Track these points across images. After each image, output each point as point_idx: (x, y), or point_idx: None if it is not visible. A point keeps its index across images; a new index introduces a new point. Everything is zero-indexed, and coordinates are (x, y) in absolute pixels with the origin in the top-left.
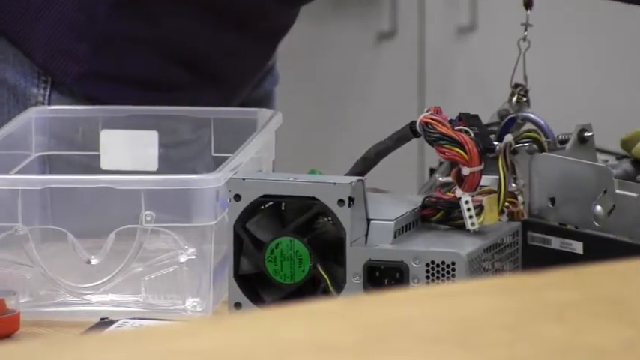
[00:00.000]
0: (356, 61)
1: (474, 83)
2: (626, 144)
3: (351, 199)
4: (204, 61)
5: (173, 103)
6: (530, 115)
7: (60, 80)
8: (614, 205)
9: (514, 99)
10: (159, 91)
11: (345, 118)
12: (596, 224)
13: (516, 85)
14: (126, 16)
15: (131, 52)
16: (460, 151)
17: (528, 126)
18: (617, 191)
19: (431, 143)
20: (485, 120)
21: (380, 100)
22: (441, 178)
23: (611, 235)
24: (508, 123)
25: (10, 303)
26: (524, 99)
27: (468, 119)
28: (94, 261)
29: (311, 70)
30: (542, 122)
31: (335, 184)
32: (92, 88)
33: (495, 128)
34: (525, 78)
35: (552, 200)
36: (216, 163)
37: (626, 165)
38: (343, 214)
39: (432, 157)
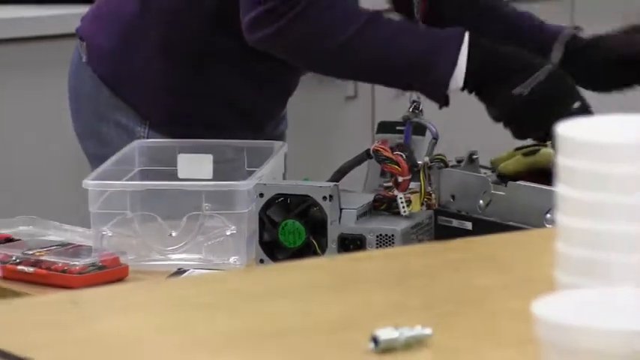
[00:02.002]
0: (330, 114)
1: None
2: (494, 163)
3: (330, 196)
4: (245, 111)
5: (222, 138)
6: (419, 120)
7: (154, 124)
8: (490, 200)
9: (410, 110)
10: (215, 130)
11: (325, 149)
12: (480, 211)
13: (413, 101)
14: (194, 81)
15: (199, 106)
16: (397, 167)
17: (437, 149)
18: (492, 191)
19: (379, 162)
20: (397, 117)
21: (347, 139)
22: (384, 184)
23: (489, 218)
24: (407, 125)
25: (122, 259)
26: (417, 110)
27: (402, 147)
28: (173, 234)
29: (305, 120)
30: (429, 125)
31: (321, 186)
32: (172, 129)
33: (402, 127)
34: (419, 97)
35: (453, 197)
36: (249, 174)
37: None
38: (326, 205)
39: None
